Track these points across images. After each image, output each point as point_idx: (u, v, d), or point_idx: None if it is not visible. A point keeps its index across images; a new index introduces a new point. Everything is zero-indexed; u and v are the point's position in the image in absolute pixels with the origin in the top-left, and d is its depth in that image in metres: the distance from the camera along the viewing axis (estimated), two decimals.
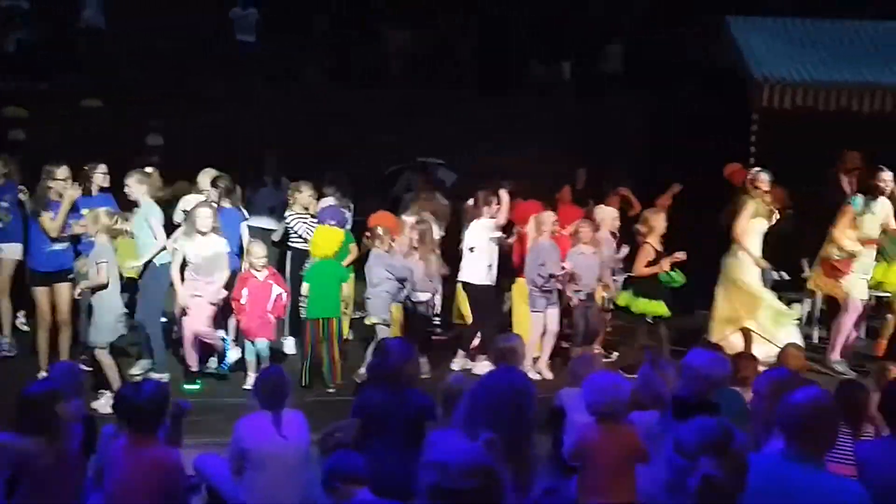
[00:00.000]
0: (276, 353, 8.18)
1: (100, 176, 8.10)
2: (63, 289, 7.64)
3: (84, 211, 7.67)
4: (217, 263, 7.61)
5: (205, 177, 8.69)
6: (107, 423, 5.11)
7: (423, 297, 8.14)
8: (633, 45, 14.69)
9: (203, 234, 7.54)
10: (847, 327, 8.53)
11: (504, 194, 8.44)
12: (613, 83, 14.54)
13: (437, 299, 8.72)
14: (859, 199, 8.44)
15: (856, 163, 9.44)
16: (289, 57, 14.17)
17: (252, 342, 7.75)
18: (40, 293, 7.67)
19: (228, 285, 7.74)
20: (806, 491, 3.22)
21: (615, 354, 8.91)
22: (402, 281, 7.87)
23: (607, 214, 8.93)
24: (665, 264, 8.15)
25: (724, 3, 12.23)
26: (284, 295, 7.91)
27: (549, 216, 8.32)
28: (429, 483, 2.51)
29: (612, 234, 8.83)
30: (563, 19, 14.70)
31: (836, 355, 8.49)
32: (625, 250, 8.83)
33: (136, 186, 7.74)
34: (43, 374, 7.24)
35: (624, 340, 8.82)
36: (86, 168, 8.05)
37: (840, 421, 3.66)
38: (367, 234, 8.39)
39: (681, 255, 8.16)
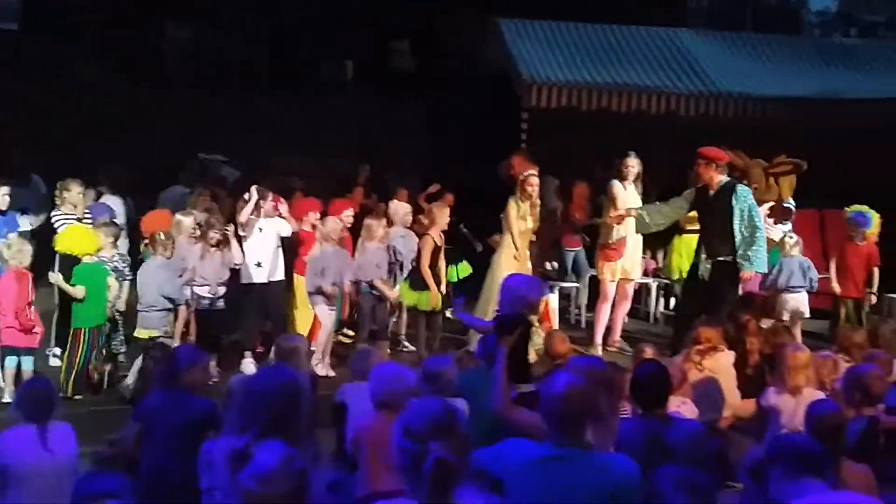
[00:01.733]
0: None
1: None
2: None
3: None
4: None
5: None
6: None
7: (204, 291, 7.99)
8: (416, 44, 15.03)
9: None
10: (601, 312, 9.22)
11: (254, 192, 8.35)
12: (397, 82, 14.79)
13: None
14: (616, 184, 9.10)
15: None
16: (59, 50, 13.35)
17: (13, 351, 7.26)
18: None
19: None
20: (579, 472, 3.34)
21: (412, 347, 9.08)
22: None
23: (400, 210, 9.15)
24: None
25: (496, 5, 12.78)
26: None
27: (335, 224, 8.39)
28: (243, 490, 2.52)
29: (409, 228, 9.08)
30: (350, 17, 14.78)
31: (597, 339, 9.15)
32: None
33: None
34: None
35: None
36: None
37: (599, 401, 3.65)
38: (145, 240, 8.14)
39: None
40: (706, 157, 8.03)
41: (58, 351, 8.10)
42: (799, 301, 9.21)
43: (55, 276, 7.59)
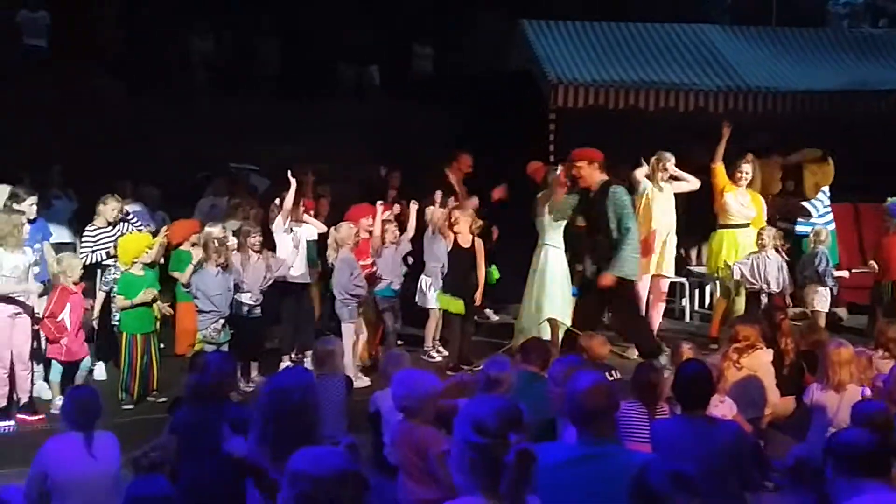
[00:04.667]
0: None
1: None
2: None
3: None
4: (30, 277, 7.14)
5: None
6: None
7: (246, 298, 8.02)
8: (439, 49, 15.03)
9: (18, 247, 7.01)
10: None
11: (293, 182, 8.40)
12: (422, 86, 14.79)
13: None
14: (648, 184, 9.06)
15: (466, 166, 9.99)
16: (81, 63, 13.46)
17: (69, 363, 7.36)
18: None
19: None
20: (605, 469, 3.36)
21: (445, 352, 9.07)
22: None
23: (436, 214, 9.17)
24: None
25: (519, 7, 12.74)
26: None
27: (349, 229, 8.39)
28: (297, 493, 2.49)
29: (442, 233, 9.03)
30: (372, 22, 14.81)
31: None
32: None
33: None
34: None
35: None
36: None
37: (617, 403, 3.76)
38: (194, 246, 8.24)
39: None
40: (586, 158, 7.84)
41: (99, 363, 8.20)
42: (825, 294, 9.16)
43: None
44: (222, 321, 7.82)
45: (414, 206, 9.16)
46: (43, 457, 4.78)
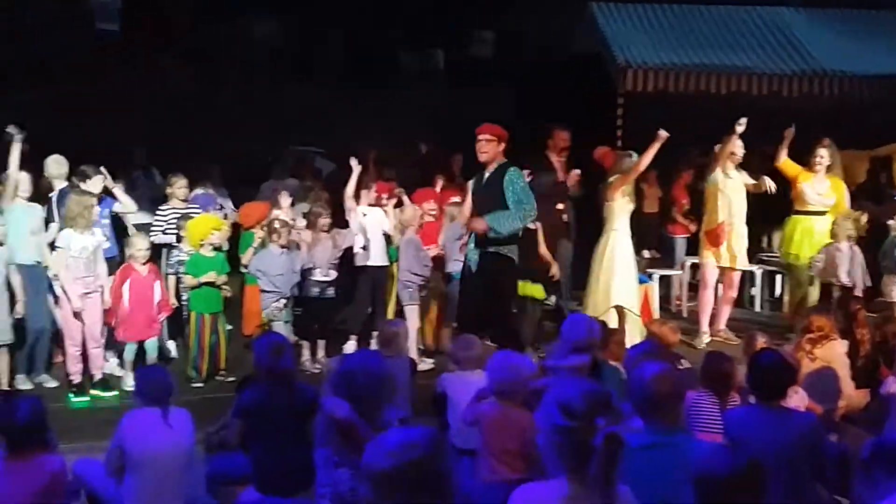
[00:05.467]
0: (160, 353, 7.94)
1: None
2: None
3: None
4: (99, 257, 7.27)
5: (55, 165, 8.03)
6: None
7: (317, 276, 8.02)
8: (502, 33, 14.95)
9: (87, 228, 7.13)
10: (704, 300, 8.98)
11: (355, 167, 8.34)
12: (484, 71, 14.73)
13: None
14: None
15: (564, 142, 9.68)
16: (152, 47, 13.71)
17: (138, 343, 7.47)
18: None
19: None
20: (672, 457, 3.37)
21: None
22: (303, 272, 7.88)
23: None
24: None
25: None
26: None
27: (413, 211, 8.35)
28: (387, 467, 2.47)
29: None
30: (434, 7, 14.79)
31: (703, 327, 8.91)
32: None
33: (25, 183, 7.45)
34: None
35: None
36: None
37: (683, 391, 3.84)
38: (263, 228, 8.30)
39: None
40: (495, 134, 7.08)
41: (170, 342, 8.35)
42: None
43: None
44: (284, 301, 7.89)
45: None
46: (119, 431, 4.89)
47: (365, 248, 8.32)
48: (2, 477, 4.01)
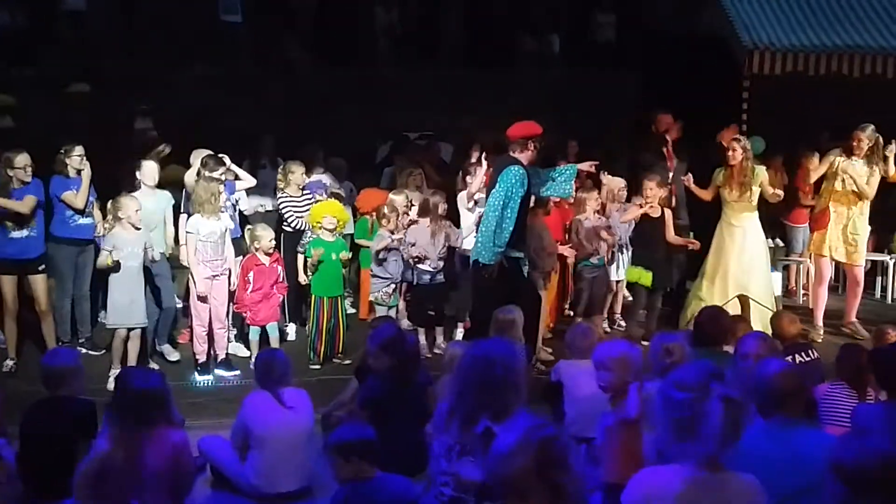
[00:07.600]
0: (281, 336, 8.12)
1: (76, 159, 7.69)
2: (37, 280, 7.45)
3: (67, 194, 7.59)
4: (227, 243, 7.49)
5: (198, 157, 8.36)
6: None
7: (427, 266, 8.04)
8: (622, 15, 14.64)
9: (214, 214, 7.34)
10: (817, 293, 8.72)
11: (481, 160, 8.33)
12: (604, 54, 14.48)
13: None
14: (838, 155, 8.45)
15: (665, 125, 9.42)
16: (274, 37, 13.98)
17: (261, 326, 7.69)
18: (5, 281, 7.38)
19: None
20: (796, 449, 3.42)
21: (623, 324, 8.96)
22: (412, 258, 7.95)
23: (615, 184, 8.98)
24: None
25: None
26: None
27: None
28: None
29: (619, 203, 8.95)
30: None
31: (817, 321, 8.67)
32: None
33: (152, 172, 7.79)
34: (9, 361, 7.36)
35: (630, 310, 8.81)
36: (62, 152, 7.71)
37: (806, 385, 3.93)
38: (373, 213, 8.39)
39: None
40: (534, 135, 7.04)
41: (291, 324, 8.55)
42: None
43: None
44: (394, 286, 8.00)
45: (605, 178, 9.08)
46: (242, 410, 5.07)
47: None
48: (128, 448, 4.15)
